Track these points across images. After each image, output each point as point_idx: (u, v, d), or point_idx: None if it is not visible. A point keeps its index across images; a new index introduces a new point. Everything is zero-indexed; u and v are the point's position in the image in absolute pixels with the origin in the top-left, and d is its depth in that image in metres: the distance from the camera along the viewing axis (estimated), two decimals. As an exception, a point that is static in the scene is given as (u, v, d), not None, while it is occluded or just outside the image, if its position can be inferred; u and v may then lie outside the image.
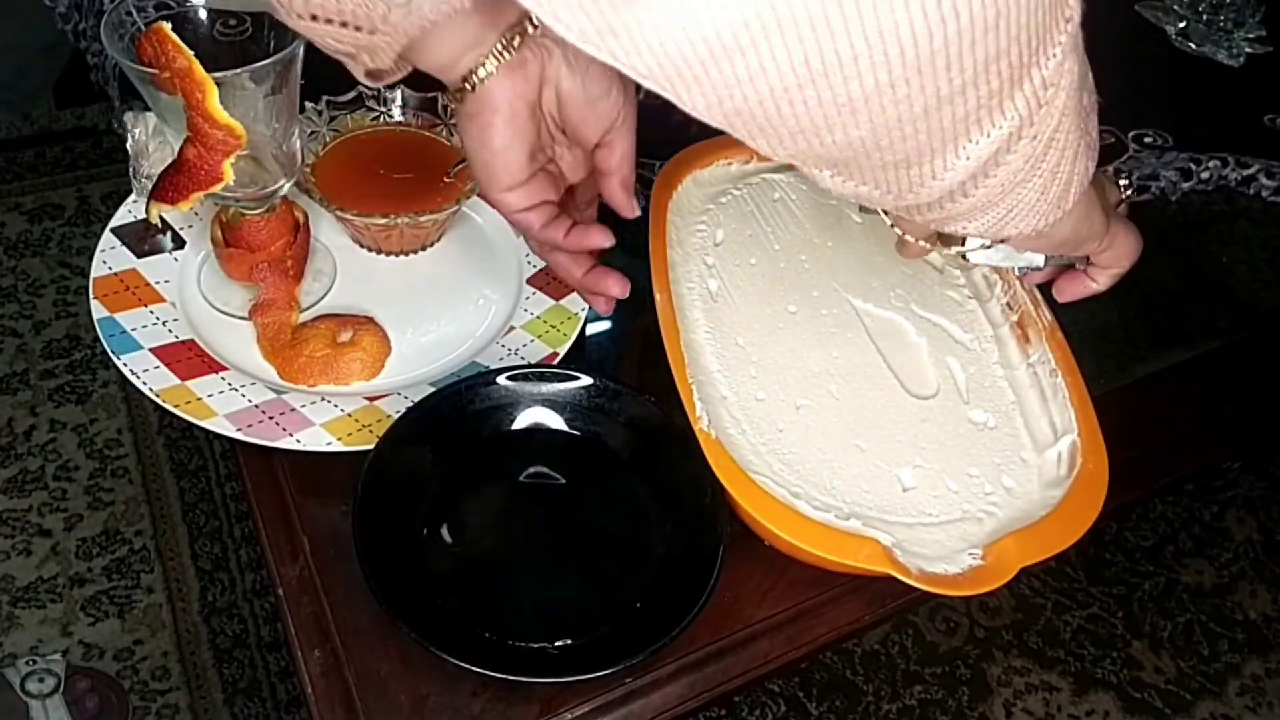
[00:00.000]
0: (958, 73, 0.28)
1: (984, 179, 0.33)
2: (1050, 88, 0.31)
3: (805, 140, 0.30)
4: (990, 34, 0.27)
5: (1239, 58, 0.87)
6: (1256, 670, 1.25)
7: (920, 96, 0.28)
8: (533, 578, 0.50)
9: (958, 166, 0.32)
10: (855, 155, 0.31)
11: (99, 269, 0.60)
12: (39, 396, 1.34)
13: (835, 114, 0.29)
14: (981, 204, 0.35)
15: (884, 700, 1.18)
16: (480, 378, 0.54)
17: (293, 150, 0.55)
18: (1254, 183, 0.76)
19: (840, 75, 0.27)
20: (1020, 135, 0.32)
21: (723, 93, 0.27)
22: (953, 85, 0.28)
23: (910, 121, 0.29)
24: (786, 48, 0.26)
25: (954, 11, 0.26)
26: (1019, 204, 0.36)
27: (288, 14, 0.38)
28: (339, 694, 0.47)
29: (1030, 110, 0.32)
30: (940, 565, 0.46)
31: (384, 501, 0.49)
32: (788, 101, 0.28)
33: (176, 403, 0.53)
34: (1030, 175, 0.34)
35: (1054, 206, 0.37)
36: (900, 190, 0.34)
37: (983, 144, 0.32)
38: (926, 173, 0.32)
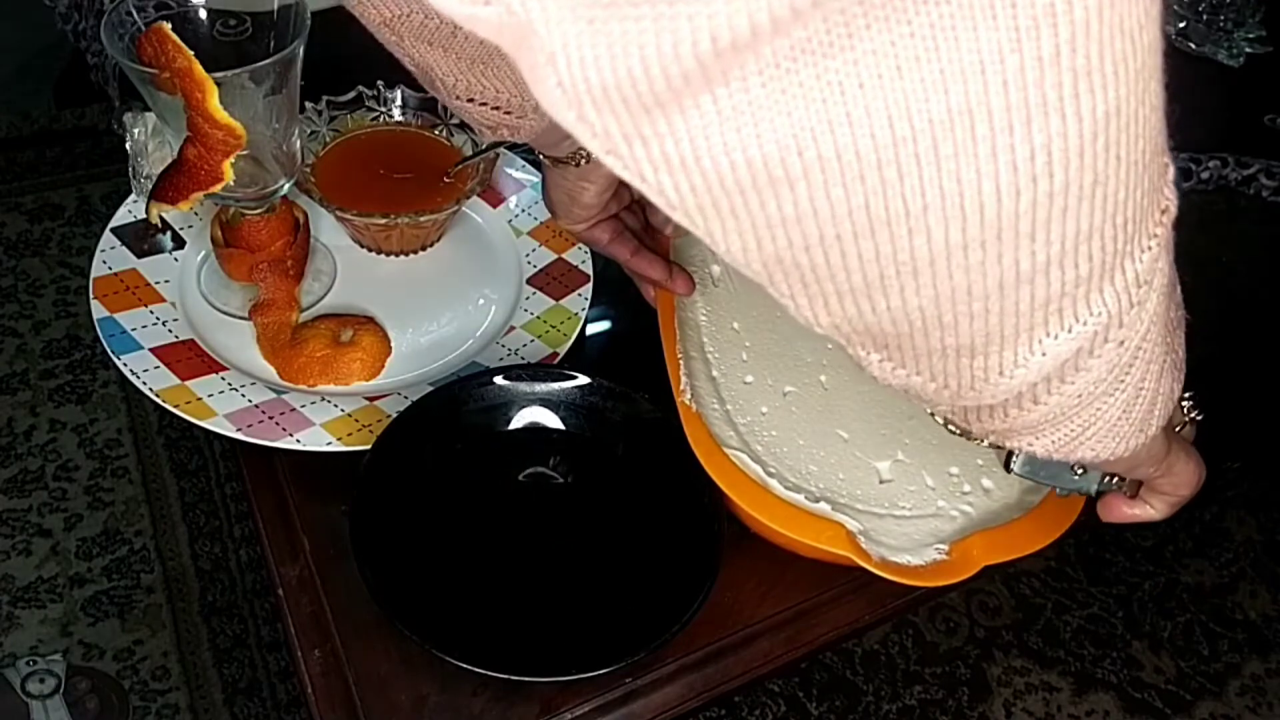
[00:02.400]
0: (1043, 245, 0.24)
1: (1060, 384, 0.28)
2: (1144, 285, 0.27)
3: (854, 304, 0.25)
4: (1085, 204, 0.23)
5: (1239, 58, 0.87)
6: (1257, 670, 1.25)
7: (996, 267, 0.24)
8: (530, 577, 0.50)
9: (1031, 364, 0.27)
10: (911, 332, 0.26)
11: (99, 269, 0.60)
12: (39, 396, 1.34)
13: (894, 274, 0.24)
14: (1054, 416, 0.30)
15: (884, 700, 1.18)
16: (475, 378, 0.54)
17: (293, 150, 0.55)
18: (1254, 182, 0.76)
19: (905, 227, 0.23)
20: (1107, 337, 0.27)
21: (764, 233, 0.23)
22: (1035, 260, 0.24)
23: (981, 297, 0.25)
24: (845, 186, 0.22)
25: (1048, 170, 0.22)
26: (1098, 420, 0.30)
27: (449, 95, 0.46)
28: (339, 694, 0.47)
29: (1120, 308, 0.27)
30: (904, 556, 0.47)
31: (381, 502, 0.49)
32: (839, 252, 0.23)
33: (176, 403, 0.53)
34: (1114, 388, 0.29)
35: (1137, 429, 0.32)
36: (959, 386, 0.28)
37: (1063, 340, 0.26)
38: (993, 366, 0.27)
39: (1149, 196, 0.25)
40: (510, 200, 0.68)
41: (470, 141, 0.65)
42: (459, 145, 0.66)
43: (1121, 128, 0.23)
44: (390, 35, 0.43)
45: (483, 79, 0.45)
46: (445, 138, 0.66)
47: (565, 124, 0.20)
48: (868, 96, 0.20)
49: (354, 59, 0.63)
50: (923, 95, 0.20)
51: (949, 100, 0.20)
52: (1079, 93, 0.21)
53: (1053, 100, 0.21)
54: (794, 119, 0.20)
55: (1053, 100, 0.21)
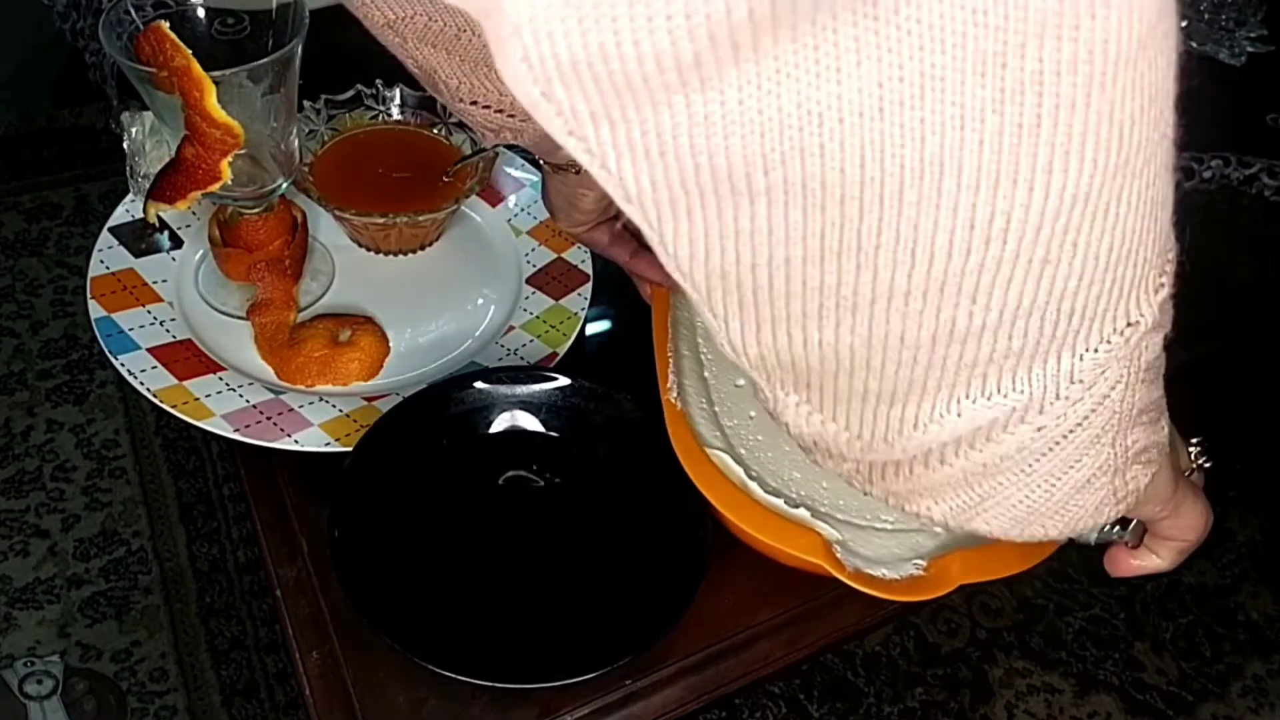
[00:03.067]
0: (982, 308, 0.23)
1: (969, 449, 0.28)
2: (1078, 383, 0.26)
3: (787, 333, 0.25)
4: (1031, 280, 0.23)
5: (1241, 57, 0.87)
6: (1259, 671, 1.25)
7: (933, 320, 0.24)
8: (517, 582, 0.50)
9: (945, 422, 0.27)
10: (837, 371, 0.26)
11: (96, 269, 0.60)
12: (36, 397, 1.34)
13: (834, 307, 0.24)
14: (956, 480, 0.29)
15: (885, 702, 1.17)
16: (455, 381, 0.54)
17: (291, 149, 0.55)
18: (1256, 182, 0.76)
19: (854, 262, 0.22)
20: (1024, 418, 0.26)
21: (714, 242, 0.23)
22: (971, 321, 0.24)
23: (913, 346, 0.24)
24: (804, 211, 0.21)
25: (1003, 236, 0.22)
26: (996, 495, 0.30)
27: (451, 98, 0.46)
28: (337, 696, 0.47)
29: (1044, 395, 0.26)
30: (880, 569, 0.46)
31: (362, 510, 0.49)
32: (784, 276, 0.23)
33: (174, 403, 0.53)
34: (1021, 469, 0.28)
35: (1037, 518, 0.31)
36: (873, 436, 0.28)
37: (980, 406, 0.26)
38: (909, 418, 0.27)
39: (1108, 298, 0.24)
40: (509, 199, 0.68)
41: (469, 141, 0.65)
42: (458, 144, 0.65)
43: (1086, 216, 0.22)
44: (393, 37, 0.43)
45: (485, 82, 0.45)
46: (444, 137, 0.66)
47: (528, 102, 0.19)
48: (845, 132, 0.20)
49: (352, 58, 0.63)
50: (900, 140, 0.20)
51: (924, 150, 0.20)
52: (1052, 168, 0.21)
53: (1024, 169, 0.21)
54: (766, 139, 0.20)
55: (1024, 169, 0.21)
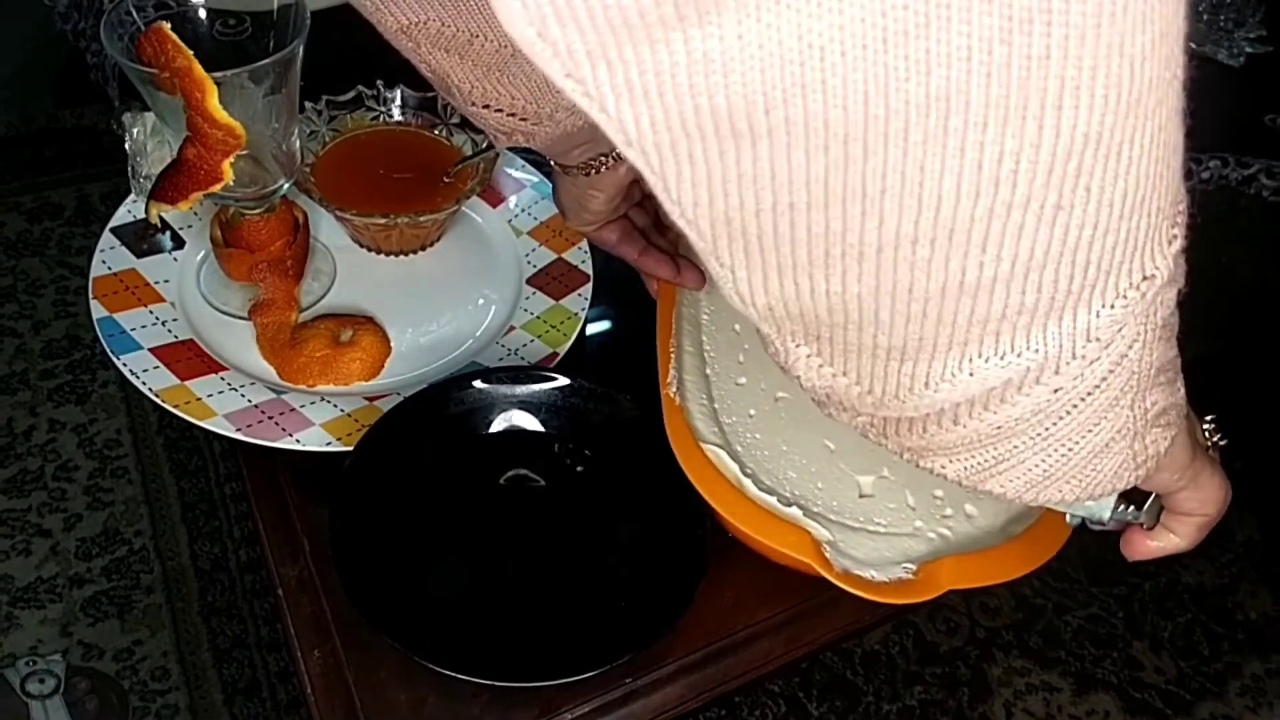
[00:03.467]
0: (992, 259, 0.22)
1: (983, 410, 0.27)
2: (1094, 341, 0.25)
3: (794, 281, 0.24)
4: (1044, 228, 0.22)
5: (1239, 57, 0.87)
6: (1257, 670, 1.25)
7: (942, 271, 0.23)
8: (517, 581, 0.50)
9: (957, 382, 0.26)
10: (845, 323, 0.25)
11: (98, 269, 0.60)
12: (38, 396, 1.34)
13: (839, 254, 0.23)
14: (970, 441, 0.28)
15: (884, 700, 1.18)
16: (455, 381, 0.54)
17: (292, 150, 0.55)
18: (1255, 182, 0.76)
19: (859, 207, 0.21)
20: (1039, 379, 0.26)
21: (718, 187, 0.22)
22: (981, 273, 0.23)
23: (921, 298, 0.24)
24: (807, 153, 0.20)
25: (1012, 179, 0.21)
26: (1012, 458, 0.29)
27: (464, 102, 0.46)
28: (339, 695, 0.47)
29: (1060, 354, 0.25)
30: (869, 571, 0.46)
31: (364, 509, 0.49)
32: (789, 221, 0.22)
33: (176, 403, 0.53)
34: (1038, 433, 0.28)
35: (1053, 482, 0.30)
36: (884, 393, 0.27)
37: (994, 365, 0.25)
38: (920, 375, 0.26)
39: (1123, 249, 0.24)
40: (510, 200, 0.68)
41: (470, 141, 0.65)
42: (459, 145, 0.65)
43: (1099, 159, 0.21)
44: (407, 42, 0.43)
45: (499, 86, 0.45)
46: (445, 137, 0.66)
47: (524, 42, 0.19)
48: (848, 66, 0.19)
49: (354, 59, 0.63)
50: (904, 74, 0.19)
51: (930, 84, 0.19)
52: (1062, 104, 0.20)
53: (1033, 105, 0.20)
54: (767, 76, 0.19)
55: (1033, 105, 0.20)
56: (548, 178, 0.68)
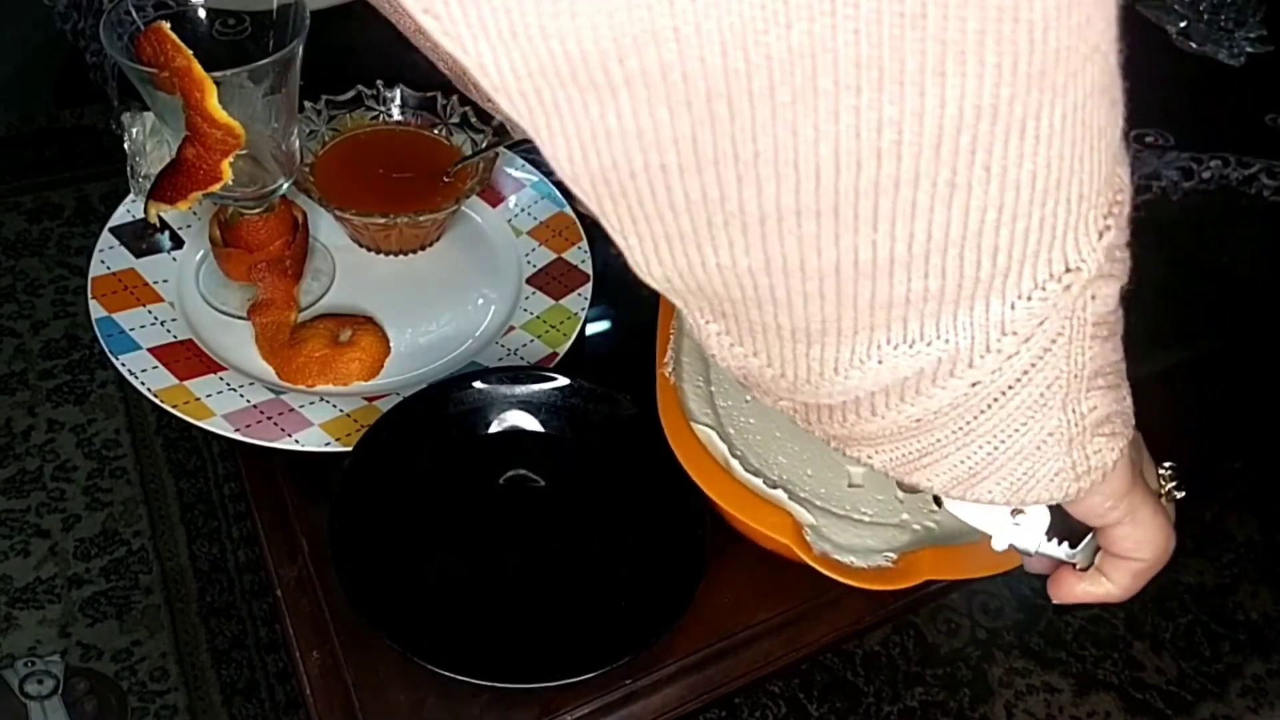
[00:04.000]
0: (886, 238, 0.21)
1: (899, 402, 0.25)
2: (1010, 335, 0.23)
3: (684, 252, 0.22)
4: (940, 208, 0.20)
5: (1240, 57, 0.87)
6: (1258, 671, 1.25)
7: (832, 249, 0.21)
8: (517, 582, 0.50)
9: (867, 369, 0.24)
10: (744, 300, 0.23)
11: (97, 269, 0.60)
12: (37, 397, 1.34)
13: (722, 224, 0.21)
14: (891, 432, 0.27)
15: (885, 702, 1.18)
16: (454, 382, 0.54)
17: (292, 150, 0.55)
18: (1255, 182, 0.76)
19: (734, 172, 0.20)
20: (953, 371, 0.24)
21: (589, 142, 0.20)
22: (876, 253, 0.21)
23: (816, 276, 0.22)
24: (669, 108, 0.19)
25: (895, 151, 0.19)
26: (935, 452, 0.27)
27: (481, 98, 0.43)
28: (338, 695, 0.47)
29: (973, 347, 0.23)
30: (849, 557, 0.47)
31: (363, 510, 0.49)
32: (664, 185, 0.21)
33: (175, 403, 0.53)
34: (960, 427, 0.26)
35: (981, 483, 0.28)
36: (796, 376, 0.25)
37: (903, 354, 0.24)
38: (829, 360, 0.24)
39: (1038, 237, 0.22)
40: (510, 200, 0.68)
41: (470, 141, 0.65)
42: (458, 145, 0.65)
43: (998, 135, 0.19)
44: (425, 41, 0.43)
45: None
46: (445, 137, 0.66)
47: None
48: (699, 13, 0.18)
49: (353, 58, 0.63)
50: (762, 25, 0.18)
51: (790, 37, 0.18)
52: (945, 70, 0.18)
53: (911, 70, 0.18)
54: (615, 20, 0.18)
55: (911, 70, 0.18)
56: (548, 177, 0.68)
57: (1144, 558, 0.34)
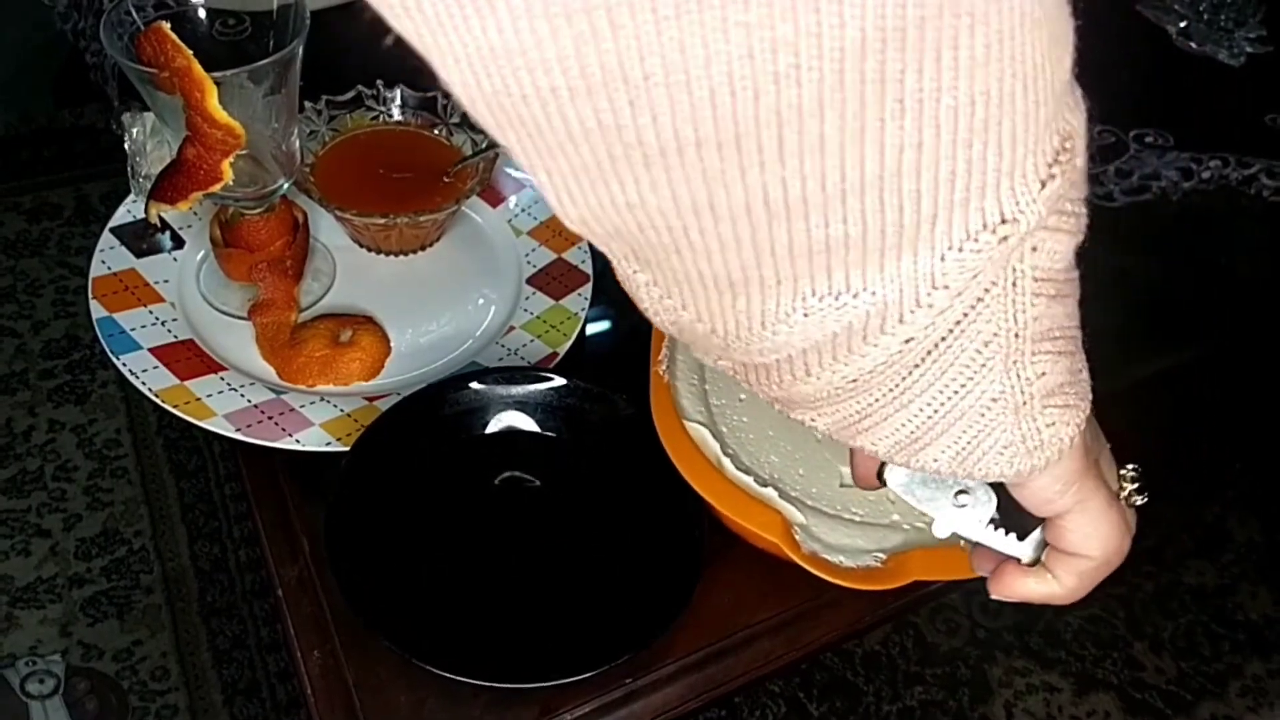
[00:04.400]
0: (795, 176, 0.19)
1: (832, 361, 0.24)
2: (941, 290, 0.22)
3: (593, 190, 0.21)
4: (851, 145, 0.19)
5: (1240, 57, 0.87)
6: (1258, 671, 1.25)
7: (739, 185, 0.20)
8: (514, 582, 0.50)
9: (794, 323, 0.23)
10: (661, 244, 0.22)
11: (98, 269, 0.60)
12: (38, 397, 1.34)
13: (623, 156, 0.20)
14: (828, 394, 0.25)
15: (884, 701, 1.18)
16: (450, 382, 0.54)
17: (292, 150, 0.55)
18: (1255, 182, 0.76)
19: (625, 96, 0.18)
20: (884, 327, 0.23)
21: (475, 60, 0.18)
22: (788, 193, 0.20)
23: (727, 217, 0.21)
24: (549, 21, 0.17)
25: (794, 77, 0.18)
26: (874, 414, 0.26)
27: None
28: (338, 695, 0.47)
29: (900, 300, 0.22)
30: (839, 556, 0.47)
31: (360, 511, 0.49)
32: (558, 112, 0.19)
33: (175, 403, 0.53)
34: (896, 386, 0.25)
35: (925, 449, 0.27)
36: (726, 332, 0.24)
37: (829, 307, 0.22)
38: (755, 313, 0.23)
39: (965, 182, 0.20)
40: (510, 200, 0.68)
41: (470, 141, 0.65)
42: (458, 145, 0.65)
43: (908, 63, 0.18)
44: None
45: None
46: (445, 137, 0.66)
47: None
48: None
49: (354, 59, 0.63)
50: None
51: None
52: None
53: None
54: None
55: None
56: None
57: (1092, 555, 0.32)
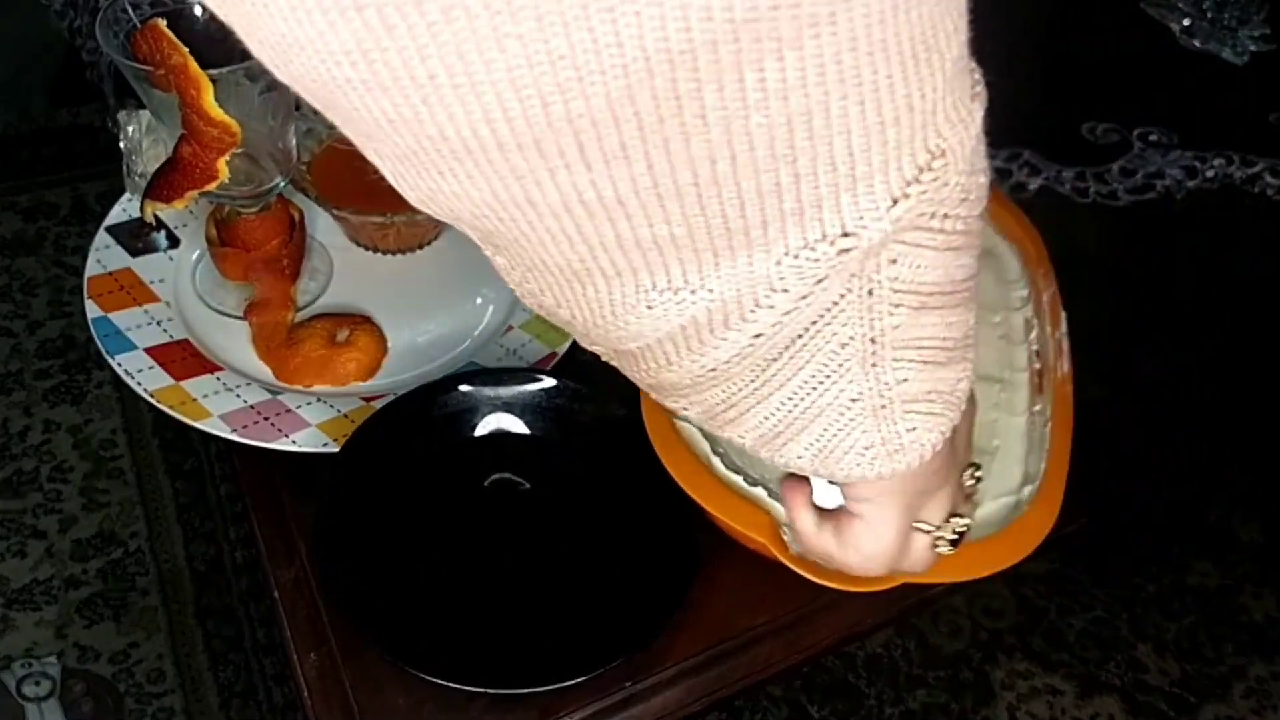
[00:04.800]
0: (605, 179, 0.19)
1: (688, 351, 0.24)
2: (781, 293, 0.22)
3: (420, 176, 0.21)
4: (657, 152, 0.19)
5: (1243, 55, 0.86)
6: (1261, 673, 1.24)
7: (551, 185, 0.20)
8: (507, 585, 0.49)
9: (641, 314, 0.23)
10: (500, 233, 0.22)
11: (93, 268, 0.59)
12: (33, 397, 1.33)
13: (433, 150, 0.20)
14: (690, 382, 0.26)
15: (887, 704, 1.17)
16: (439, 385, 0.53)
17: (289, 147, 0.55)
18: (1259, 181, 0.76)
19: (416, 94, 0.18)
20: (728, 323, 0.23)
21: (279, 49, 0.19)
22: (600, 193, 0.20)
23: (549, 213, 0.21)
24: (325, 18, 0.17)
25: (577, 86, 0.18)
26: (737, 404, 0.27)
27: None
28: (336, 698, 0.46)
29: (739, 299, 0.23)
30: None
31: (349, 516, 0.49)
32: (363, 102, 0.19)
33: (171, 403, 0.52)
34: (750, 380, 0.25)
35: (788, 443, 0.27)
36: (584, 320, 0.24)
37: (669, 300, 0.23)
38: (604, 302, 0.24)
39: (795, 193, 0.20)
40: (509, 199, 0.67)
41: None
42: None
43: (705, 82, 0.18)
44: None
45: None
46: (443, 135, 0.65)
47: None
48: None
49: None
50: None
51: None
52: (613, 8, 0.16)
53: (570, 5, 0.16)
54: None
55: (570, 5, 0.16)
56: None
57: (847, 559, 0.34)
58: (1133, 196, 0.73)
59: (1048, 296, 0.58)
